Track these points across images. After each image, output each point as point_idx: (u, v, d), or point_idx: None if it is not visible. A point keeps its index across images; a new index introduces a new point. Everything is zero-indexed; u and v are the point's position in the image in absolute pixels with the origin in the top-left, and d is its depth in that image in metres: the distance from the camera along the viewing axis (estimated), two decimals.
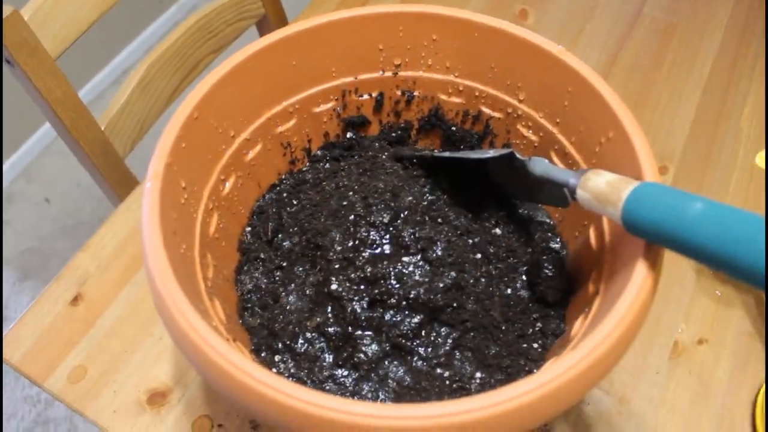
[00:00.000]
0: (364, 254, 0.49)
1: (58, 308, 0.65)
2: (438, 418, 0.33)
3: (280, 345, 0.49)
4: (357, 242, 0.50)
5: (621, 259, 0.44)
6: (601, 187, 0.41)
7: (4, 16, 0.65)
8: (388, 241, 0.50)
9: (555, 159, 0.54)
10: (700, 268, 0.67)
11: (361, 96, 0.58)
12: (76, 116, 0.74)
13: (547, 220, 0.57)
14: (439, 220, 0.52)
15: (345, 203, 0.52)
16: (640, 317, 0.39)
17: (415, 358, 0.47)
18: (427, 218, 0.51)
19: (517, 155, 0.50)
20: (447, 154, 0.55)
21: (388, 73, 0.57)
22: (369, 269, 0.48)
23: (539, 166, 0.48)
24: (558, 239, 0.56)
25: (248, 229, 0.56)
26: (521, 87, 0.54)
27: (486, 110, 0.57)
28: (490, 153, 0.52)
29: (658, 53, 0.86)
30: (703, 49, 0.86)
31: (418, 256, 0.49)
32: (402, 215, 0.51)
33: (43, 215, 1.58)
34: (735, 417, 0.58)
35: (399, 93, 0.58)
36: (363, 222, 0.51)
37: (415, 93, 0.58)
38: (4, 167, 1.61)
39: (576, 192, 0.43)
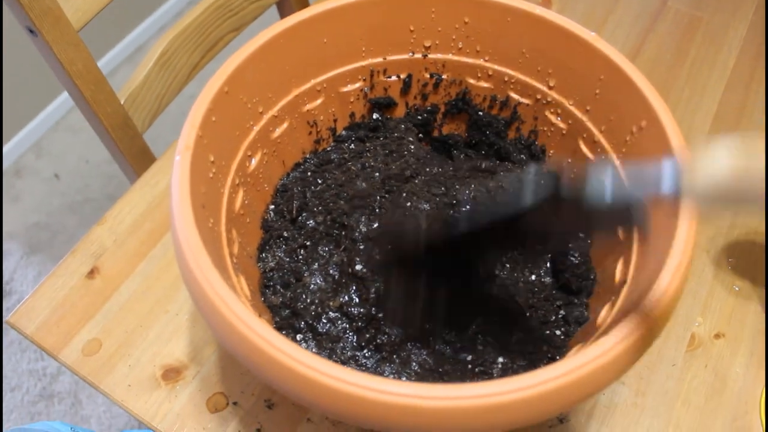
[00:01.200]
0: None
1: (74, 281, 0.65)
2: (461, 400, 0.33)
3: (302, 324, 0.49)
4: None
5: (652, 251, 0.44)
6: (725, 181, 0.27)
7: None
8: None
9: (583, 147, 0.54)
10: (718, 263, 0.67)
11: (389, 77, 0.58)
12: (96, 89, 0.73)
13: None
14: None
15: (369, 184, 0.52)
16: (669, 310, 0.38)
17: (437, 341, 0.47)
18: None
19: (563, 191, 0.36)
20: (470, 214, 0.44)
21: (418, 55, 0.57)
22: None
23: (605, 192, 0.33)
24: None
25: (272, 207, 0.56)
26: (552, 73, 0.54)
27: (514, 96, 0.57)
28: (530, 182, 0.37)
29: (681, 47, 0.86)
30: (727, 43, 0.86)
31: None
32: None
33: (52, 190, 1.57)
34: (750, 412, 0.58)
35: (427, 75, 0.58)
36: (388, 203, 0.50)
37: (444, 76, 0.58)
38: (15, 140, 1.61)
39: (682, 192, 0.30)
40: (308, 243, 0.52)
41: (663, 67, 0.84)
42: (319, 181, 0.56)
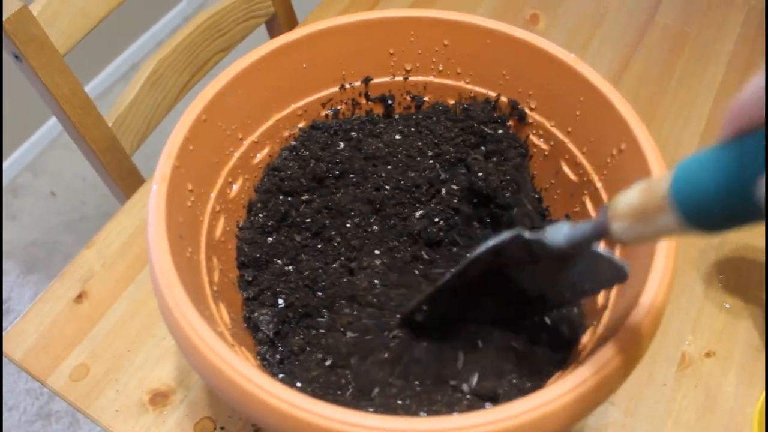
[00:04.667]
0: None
1: (62, 305, 0.65)
2: None
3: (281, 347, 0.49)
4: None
5: (630, 274, 0.43)
6: (634, 199, 0.32)
7: (12, 11, 0.65)
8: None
9: (566, 169, 0.54)
10: (708, 280, 0.67)
11: (371, 100, 0.58)
12: (83, 113, 0.74)
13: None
14: None
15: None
16: (648, 336, 0.38)
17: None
18: None
19: (525, 235, 0.39)
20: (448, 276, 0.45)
21: (399, 78, 0.57)
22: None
23: (558, 232, 0.38)
24: None
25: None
26: (532, 95, 0.54)
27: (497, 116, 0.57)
28: (491, 242, 0.40)
29: (669, 62, 0.85)
30: (714, 58, 0.86)
31: None
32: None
33: (49, 208, 1.58)
34: (741, 431, 0.57)
35: (409, 98, 0.58)
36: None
37: (425, 98, 0.58)
38: (11, 159, 1.61)
39: (610, 228, 0.33)
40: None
41: (650, 82, 0.83)
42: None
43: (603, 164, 0.50)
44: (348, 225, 0.55)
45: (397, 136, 0.56)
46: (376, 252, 0.54)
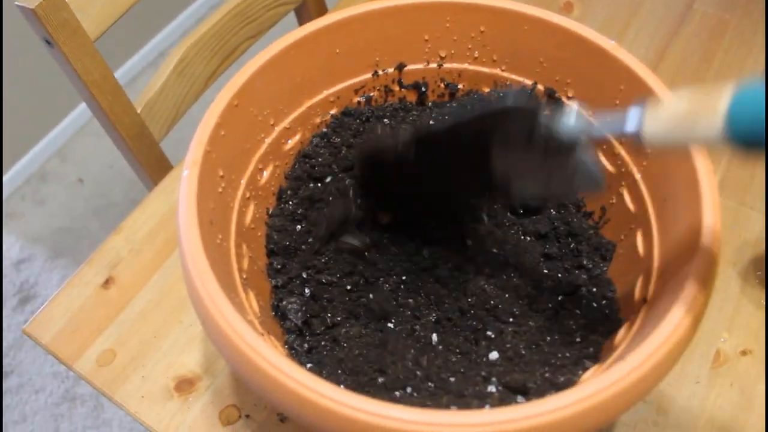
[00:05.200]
0: None
1: (90, 291, 0.65)
2: (473, 428, 0.32)
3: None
4: None
5: (672, 270, 0.42)
6: (682, 105, 0.32)
7: None
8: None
9: (603, 159, 0.52)
10: (746, 277, 0.65)
11: (404, 87, 0.57)
12: (113, 99, 0.74)
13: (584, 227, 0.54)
14: None
15: None
16: (689, 334, 0.37)
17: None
18: None
19: (540, 116, 0.38)
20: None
21: (433, 65, 0.56)
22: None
23: (572, 121, 0.37)
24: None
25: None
26: (570, 83, 0.52)
27: None
28: (509, 101, 0.39)
29: (707, 51, 0.83)
30: (756, 47, 0.83)
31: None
32: None
33: (76, 195, 1.59)
34: None
35: (443, 85, 0.57)
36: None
37: (459, 86, 0.57)
38: (40, 145, 1.63)
39: (645, 127, 0.33)
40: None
41: (689, 71, 0.81)
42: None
43: (642, 154, 0.48)
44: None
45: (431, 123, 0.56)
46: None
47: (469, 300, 0.49)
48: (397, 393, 0.42)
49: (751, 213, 0.69)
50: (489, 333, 0.48)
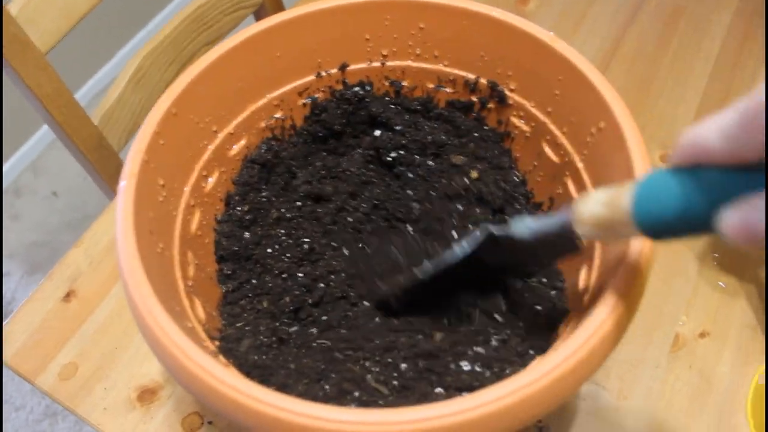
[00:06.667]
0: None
1: (51, 305, 0.65)
2: (411, 424, 0.32)
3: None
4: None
5: (609, 258, 0.42)
6: (598, 211, 0.34)
7: None
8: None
9: (548, 150, 0.52)
10: (703, 259, 0.65)
11: (350, 89, 0.57)
12: (67, 112, 0.73)
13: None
14: None
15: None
16: (622, 323, 0.37)
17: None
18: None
19: (494, 231, 0.42)
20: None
21: (376, 63, 0.56)
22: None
23: (526, 226, 0.40)
24: None
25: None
26: (512, 76, 0.53)
27: (477, 100, 0.56)
28: (466, 246, 0.44)
29: (663, 38, 0.84)
30: (711, 33, 0.84)
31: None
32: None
33: (51, 209, 1.58)
34: (736, 412, 0.56)
35: (387, 84, 0.57)
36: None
37: (404, 83, 0.57)
38: (12, 160, 1.62)
39: (575, 230, 0.36)
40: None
41: (645, 58, 0.82)
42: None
43: (583, 144, 0.48)
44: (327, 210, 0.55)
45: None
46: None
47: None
48: (344, 400, 0.42)
49: None
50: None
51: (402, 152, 0.56)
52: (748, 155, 0.25)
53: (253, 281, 0.52)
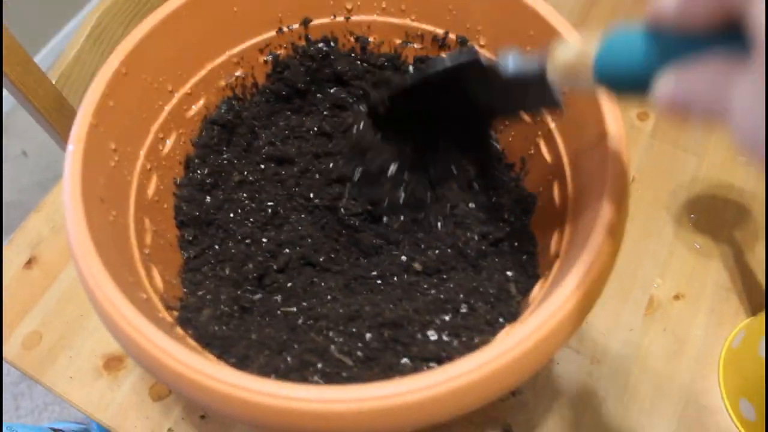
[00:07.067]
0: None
1: (12, 272, 0.63)
2: (375, 401, 0.31)
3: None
4: None
5: (580, 221, 0.41)
6: (569, 56, 0.34)
7: None
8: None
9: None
10: (679, 220, 0.64)
11: (313, 45, 0.54)
12: (22, 70, 0.70)
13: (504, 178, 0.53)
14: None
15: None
16: (594, 289, 0.36)
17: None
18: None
19: (481, 60, 0.42)
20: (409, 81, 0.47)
21: (340, 18, 0.53)
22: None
23: (509, 61, 0.40)
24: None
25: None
26: (481, 31, 0.50)
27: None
28: (448, 62, 0.42)
29: None
30: None
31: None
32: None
33: (21, 168, 1.54)
34: (709, 375, 0.56)
35: (353, 39, 0.54)
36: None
37: (370, 39, 0.54)
38: None
39: (547, 73, 0.36)
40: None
41: (622, 12, 0.79)
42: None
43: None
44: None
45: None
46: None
47: (387, 262, 0.48)
48: (306, 372, 0.41)
49: (685, 156, 0.68)
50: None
51: None
52: (696, 22, 0.26)
53: (216, 247, 0.50)
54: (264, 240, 0.51)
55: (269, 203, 0.52)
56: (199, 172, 0.51)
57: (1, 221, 1.42)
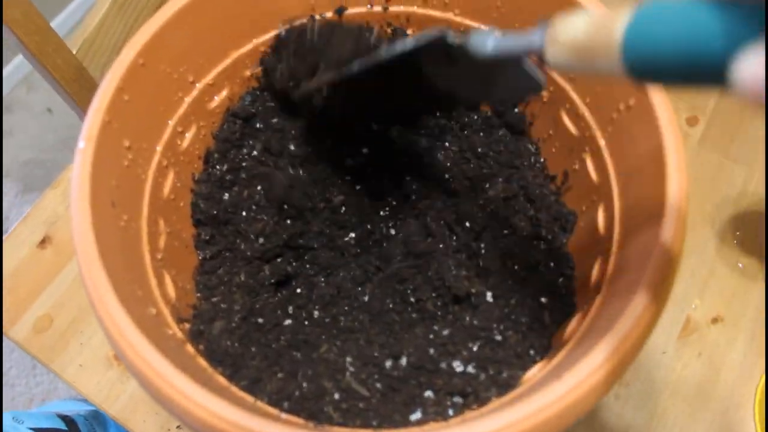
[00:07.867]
0: None
1: (25, 251, 0.61)
2: None
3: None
4: None
5: (630, 253, 0.38)
6: (581, 32, 0.28)
7: None
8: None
9: (566, 119, 0.47)
10: (723, 237, 0.60)
11: None
12: (41, 40, 0.67)
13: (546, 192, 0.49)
14: None
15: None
16: (645, 335, 0.33)
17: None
18: None
19: (449, 38, 0.35)
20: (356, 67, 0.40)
21: (378, 8, 0.49)
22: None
23: (486, 42, 0.33)
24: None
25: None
26: None
27: None
28: (411, 42, 0.36)
29: None
30: None
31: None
32: None
33: (45, 126, 1.53)
34: (744, 405, 0.53)
35: (389, 30, 0.50)
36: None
37: (408, 31, 0.50)
38: (4, 73, 1.55)
39: (546, 55, 0.30)
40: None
41: None
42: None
43: (608, 119, 0.43)
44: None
45: None
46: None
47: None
48: (322, 403, 0.38)
49: (734, 167, 0.64)
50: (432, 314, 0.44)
51: None
52: None
53: (232, 249, 0.47)
54: (281, 244, 0.48)
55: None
56: (218, 167, 0.48)
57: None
